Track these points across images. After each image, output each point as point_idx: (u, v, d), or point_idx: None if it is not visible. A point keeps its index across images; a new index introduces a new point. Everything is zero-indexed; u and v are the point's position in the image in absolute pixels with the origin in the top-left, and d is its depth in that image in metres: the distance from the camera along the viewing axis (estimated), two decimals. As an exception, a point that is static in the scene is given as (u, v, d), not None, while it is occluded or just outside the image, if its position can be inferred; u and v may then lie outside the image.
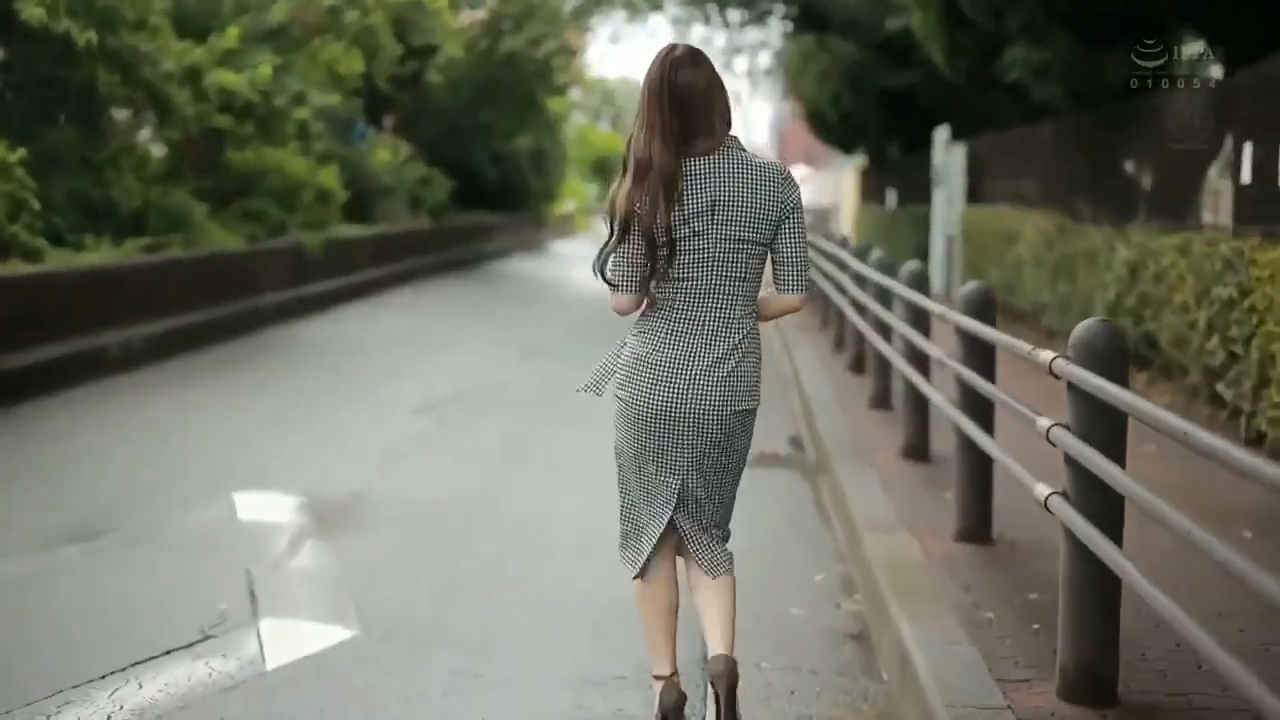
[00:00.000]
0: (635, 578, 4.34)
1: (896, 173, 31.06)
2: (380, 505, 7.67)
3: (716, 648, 4.21)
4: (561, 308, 21.79)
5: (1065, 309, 13.92)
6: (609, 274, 4.15)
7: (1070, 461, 4.31)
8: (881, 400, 10.73)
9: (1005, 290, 17.07)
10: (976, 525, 6.55)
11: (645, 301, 4.18)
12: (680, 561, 4.41)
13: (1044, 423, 4.51)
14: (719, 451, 4.22)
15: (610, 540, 4.59)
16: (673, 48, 4.14)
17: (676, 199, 4.01)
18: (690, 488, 4.25)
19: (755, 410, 4.28)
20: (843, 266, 14.21)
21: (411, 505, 7.67)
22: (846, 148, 36.06)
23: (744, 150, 4.14)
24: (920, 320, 8.59)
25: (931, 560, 6.20)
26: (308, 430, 9.95)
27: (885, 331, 10.46)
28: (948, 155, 22.45)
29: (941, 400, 7.09)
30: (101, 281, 12.56)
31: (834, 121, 31.34)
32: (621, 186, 4.10)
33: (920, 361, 8.49)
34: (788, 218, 4.12)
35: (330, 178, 19.94)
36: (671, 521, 4.27)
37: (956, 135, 22.80)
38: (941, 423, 7.51)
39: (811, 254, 18.18)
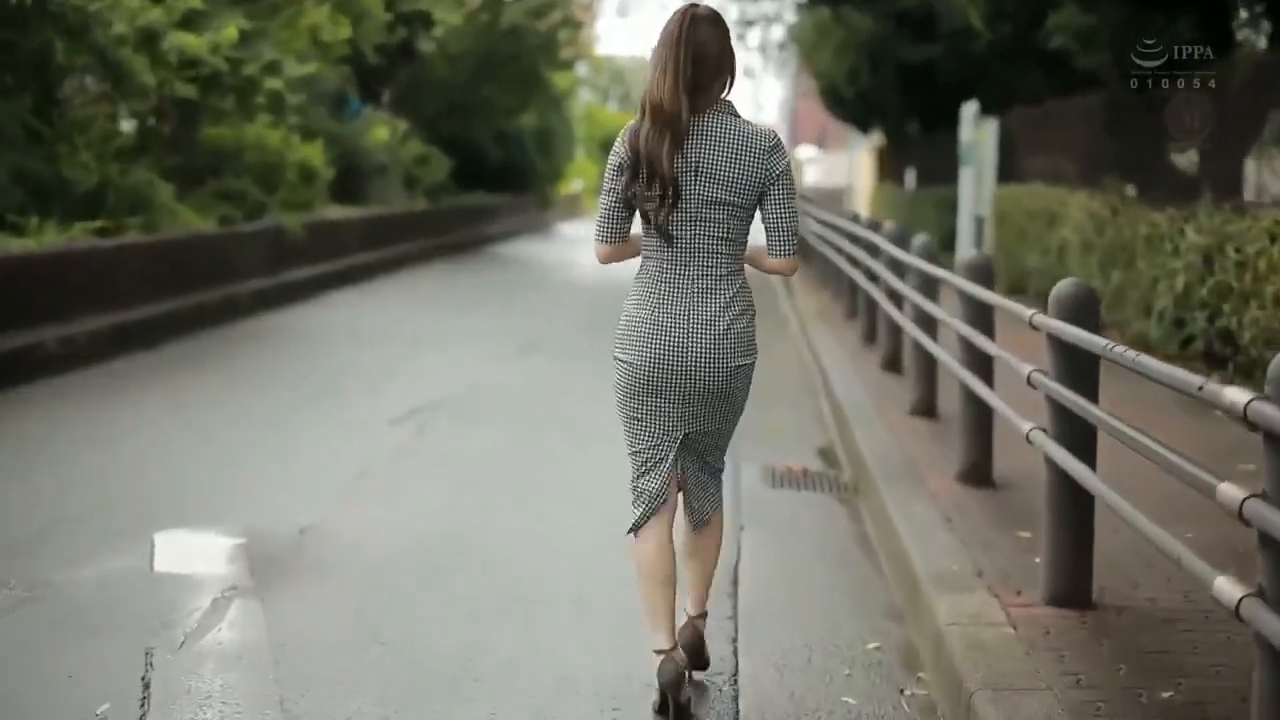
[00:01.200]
0: (630, 532, 4.46)
1: (917, 151, 29.84)
2: (331, 549, 6.30)
3: (691, 607, 4.75)
4: (565, 293, 20.39)
5: (1120, 299, 12.55)
6: (596, 225, 4.37)
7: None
8: (926, 407, 9.36)
9: (1046, 277, 15.69)
10: (1072, 587, 5.14)
11: (628, 254, 4.40)
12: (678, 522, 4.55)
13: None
14: (718, 403, 4.35)
15: (622, 602, 4.61)
16: (695, 4, 4.27)
17: (679, 150, 4.14)
18: (691, 440, 4.41)
19: (753, 365, 4.37)
20: (873, 251, 12.83)
21: (369, 551, 6.29)
22: (863, 126, 34.87)
23: (736, 115, 4.24)
24: (981, 318, 7.21)
25: (1020, 632, 4.84)
26: (265, 446, 8.58)
27: (929, 326, 9.10)
28: (977, 131, 21.03)
29: (1008, 412, 5.76)
30: (37, 267, 11.17)
31: (850, 98, 30.29)
32: (639, 127, 4.19)
33: (981, 367, 7.12)
34: (774, 183, 4.22)
35: (315, 155, 18.52)
36: (676, 476, 4.45)
37: (983, 111, 21.38)
38: (1009, 438, 6.17)
39: (832, 236, 15.87)
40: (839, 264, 16.91)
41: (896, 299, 11.02)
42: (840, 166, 55.40)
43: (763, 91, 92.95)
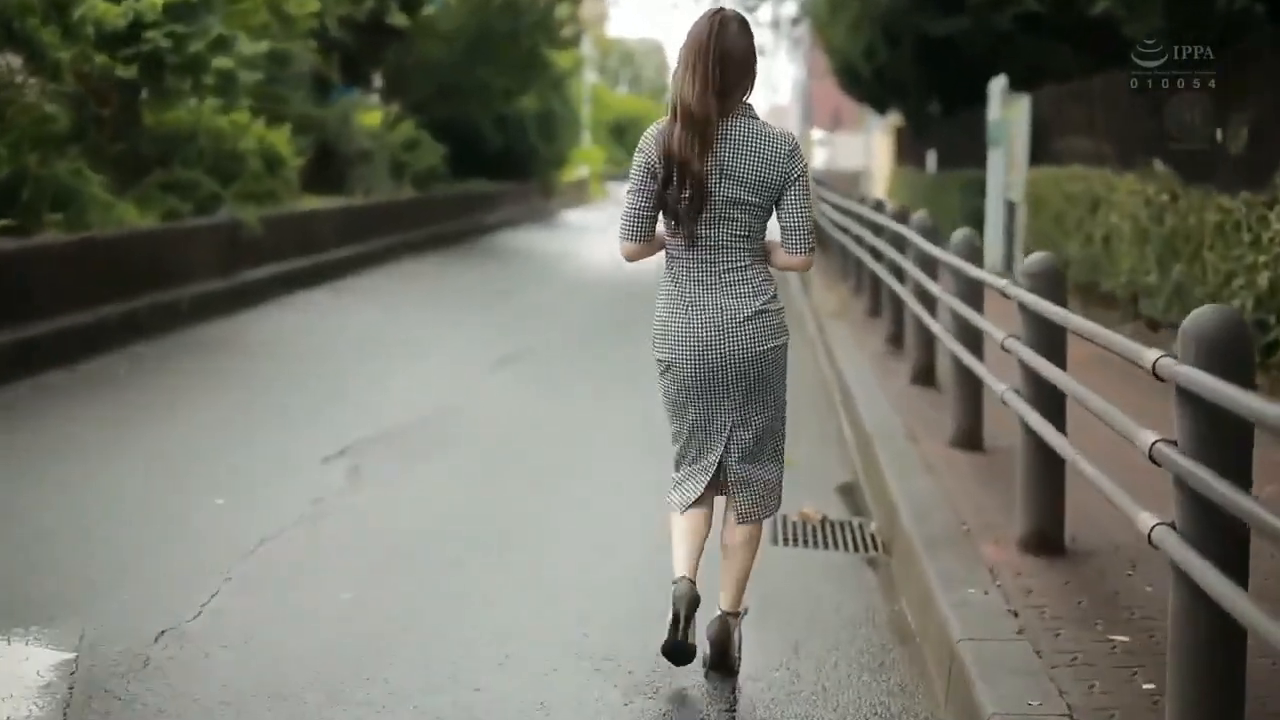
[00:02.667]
0: (682, 511, 4.61)
1: (938, 132, 28.20)
2: (187, 670, 4.67)
3: (724, 603, 4.68)
4: (564, 290, 18.74)
5: (1182, 295, 10.91)
6: (621, 223, 4.49)
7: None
8: (970, 437, 7.72)
9: (1088, 268, 14.06)
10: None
11: (652, 251, 4.57)
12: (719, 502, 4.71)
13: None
14: (756, 388, 4.51)
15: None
16: (722, 9, 4.49)
17: (709, 152, 4.32)
18: (737, 422, 4.53)
19: (785, 344, 4.56)
20: (900, 244, 11.20)
21: (245, 677, 4.67)
22: (880, 105, 33.18)
23: (756, 118, 4.43)
24: (1052, 342, 5.56)
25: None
26: (164, 501, 6.93)
27: (972, 339, 7.46)
28: (1007, 109, 19.34)
29: (1096, 472, 4.19)
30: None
31: (867, 76, 28.66)
32: (669, 129, 4.36)
33: (1049, 403, 5.47)
34: (792, 185, 4.41)
35: (281, 140, 16.84)
36: (720, 464, 4.57)
37: (1012, 87, 19.71)
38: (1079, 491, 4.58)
39: (853, 225, 13.80)
40: (859, 255, 15.30)
41: (928, 300, 9.40)
42: (855, 149, 53.68)
43: (775, 71, 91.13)
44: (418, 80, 28.34)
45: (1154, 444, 3.66)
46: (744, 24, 4.43)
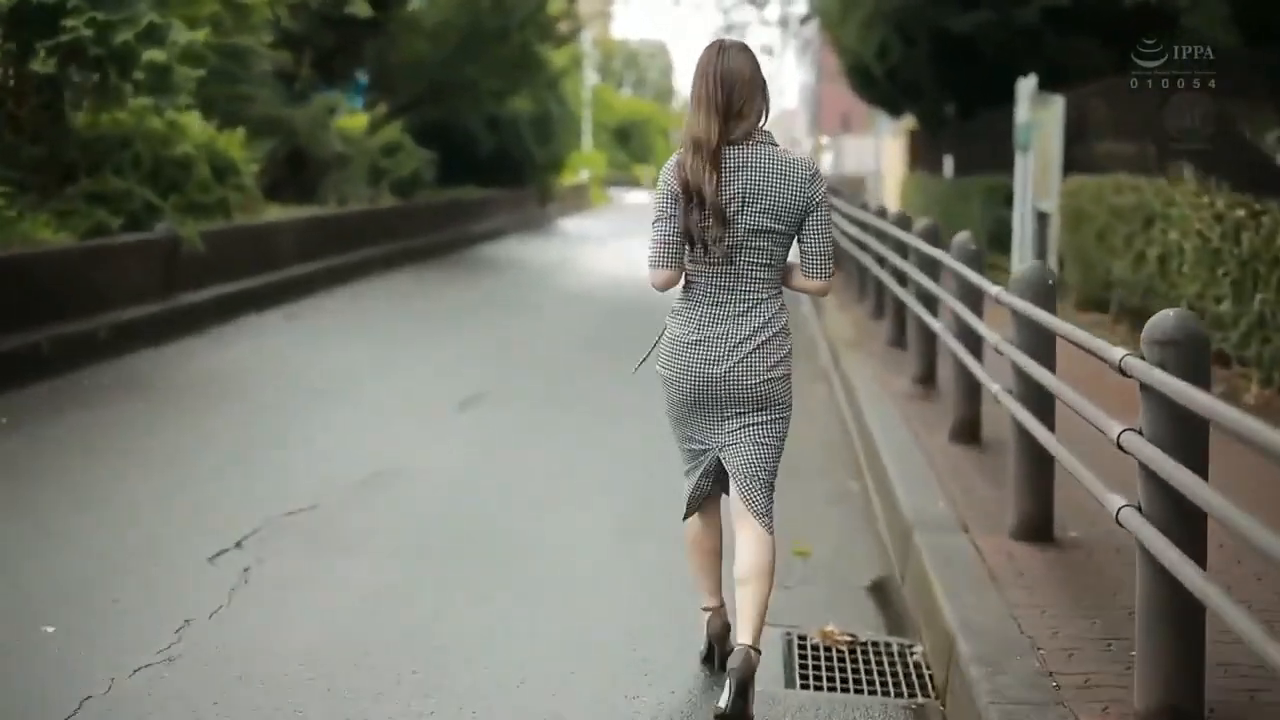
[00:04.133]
0: (685, 518, 4.82)
1: (955, 135, 26.61)
2: None
3: (743, 636, 4.44)
4: (553, 306, 17.03)
5: (1266, 328, 9.25)
6: (648, 250, 4.51)
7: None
8: (1036, 528, 6.02)
9: (1141, 290, 12.35)
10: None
11: (681, 280, 4.53)
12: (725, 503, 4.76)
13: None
14: (755, 408, 4.53)
15: None
16: (724, 40, 4.56)
17: (720, 180, 4.37)
18: (730, 445, 4.55)
19: (788, 377, 4.57)
20: (931, 268, 9.54)
21: None
22: (893, 108, 31.56)
23: (775, 145, 4.48)
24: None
25: None
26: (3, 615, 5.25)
27: (1041, 406, 5.78)
28: (1037, 111, 17.65)
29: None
30: None
31: (880, 77, 27.10)
32: (683, 160, 4.41)
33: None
34: (813, 210, 4.47)
35: (234, 145, 15.11)
36: (720, 474, 4.65)
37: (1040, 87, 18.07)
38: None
39: (867, 237, 11.68)
40: (878, 273, 13.61)
41: (970, 339, 7.73)
42: (862, 152, 51.92)
43: (782, 74, 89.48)
44: (404, 80, 26.63)
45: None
46: (745, 49, 4.53)
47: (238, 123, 16.20)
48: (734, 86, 4.38)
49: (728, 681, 4.30)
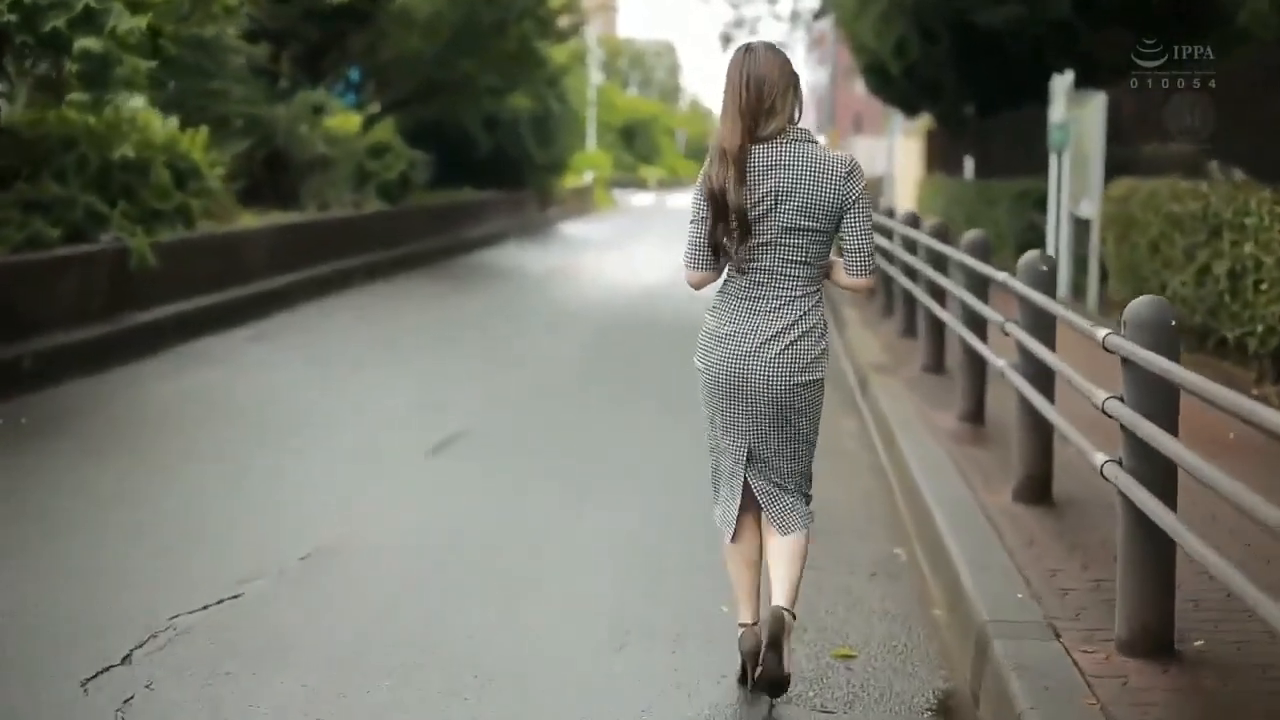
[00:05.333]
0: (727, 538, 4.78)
1: (976, 136, 25.32)
2: None
3: (776, 600, 4.56)
4: (550, 322, 15.61)
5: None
6: (684, 250, 4.57)
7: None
8: (1155, 639, 4.62)
9: (1205, 309, 10.98)
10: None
11: (716, 278, 4.59)
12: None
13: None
14: (783, 417, 4.56)
15: None
16: (750, 43, 4.60)
17: (745, 181, 4.41)
18: (759, 449, 4.61)
19: (820, 382, 4.61)
20: (980, 285, 8.18)
21: None
22: (910, 107, 30.23)
23: (812, 142, 4.51)
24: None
25: None
26: None
27: (1163, 483, 4.44)
28: (1075, 109, 16.26)
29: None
30: None
31: (897, 75, 25.78)
32: (711, 166, 4.49)
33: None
34: (851, 208, 4.48)
35: (196, 146, 13.73)
36: (747, 482, 4.66)
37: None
38: None
39: (899, 251, 12.36)
40: (909, 287, 12.24)
41: (1043, 378, 6.37)
42: (874, 153, 50.55)
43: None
44: (396, 77, 25.23)
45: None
46: (773, 47, 4.55)
47: (208, 121, 14.82)
48: (763, 84, 4.41)
49: (761, 640, 4.49)
